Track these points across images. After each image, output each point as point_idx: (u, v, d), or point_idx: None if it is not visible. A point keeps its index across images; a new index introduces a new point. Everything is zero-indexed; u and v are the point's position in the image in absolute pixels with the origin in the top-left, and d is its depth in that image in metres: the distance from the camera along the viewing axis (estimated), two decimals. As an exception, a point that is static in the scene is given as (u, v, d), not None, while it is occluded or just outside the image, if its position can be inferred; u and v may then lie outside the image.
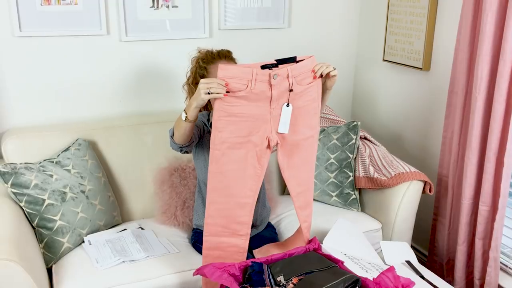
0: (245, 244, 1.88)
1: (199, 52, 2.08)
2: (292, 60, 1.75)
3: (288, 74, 1.72)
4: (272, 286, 1.65)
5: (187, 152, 2.03)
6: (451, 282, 2.36)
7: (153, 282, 1.94)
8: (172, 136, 1.94)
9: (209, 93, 1.66)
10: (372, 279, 1.56)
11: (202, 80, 1.68)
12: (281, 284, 1.65)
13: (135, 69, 2.59)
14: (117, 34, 2.51)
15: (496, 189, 2.11)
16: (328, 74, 1.82)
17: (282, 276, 1.67)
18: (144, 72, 2.62)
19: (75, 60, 2.47)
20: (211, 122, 2.07)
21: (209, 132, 2.05)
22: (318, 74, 1.81)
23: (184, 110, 1.80)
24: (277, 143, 1.81)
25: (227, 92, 1.67)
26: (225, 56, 2.04)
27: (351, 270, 1.72)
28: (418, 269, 2.05)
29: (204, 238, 1.85)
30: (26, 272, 1.66)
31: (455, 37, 2.27)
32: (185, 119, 1.80)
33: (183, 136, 1.88)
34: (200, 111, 1.97)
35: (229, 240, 1.86)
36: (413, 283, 1.49)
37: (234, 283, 1.63)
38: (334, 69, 1.83)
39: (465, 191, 2.22)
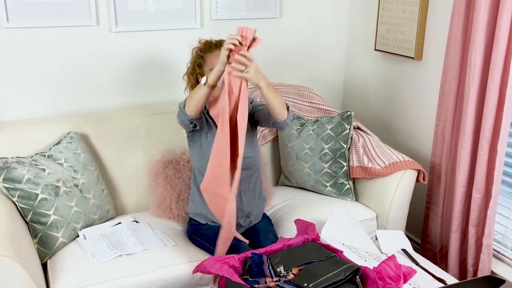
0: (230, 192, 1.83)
1: (199, 42, 2.09)
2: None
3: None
4: (272, 277, 1.65)
5: (195, 127, 2.01)
6: (444, 269, 2.39)
7: (150, 275, 1.92)
8: (183, 108, 1.93)
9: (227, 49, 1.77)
10: (372, 268, 1.57)
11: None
12: (281, 275, 1.65)
13: (126, 61, 2.56)
14: (107, 25, 2.47)
15: (489, 177, 2.13)
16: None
17: (282, 267, 1.67)
18: (135, 63, 2.58)
19: (64, 51, 2.42)
20: (207, 110, 2.08)
21: (206, 120, 2.08)
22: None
23: (205, 76, 1.87)
24: None
25: (240, 44, 1.75)
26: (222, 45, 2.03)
27: (350, 259, 1.73)
28: (414, 257, 2.07)
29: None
30: (22, 268, 1.63)
31: (447, 26, 2.28)
32: (205, 83, 1.84)
33: (198, 104, 1.88)
34: None
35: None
36: (414, 271, 1.50)
37: (235, 274, 1.63)
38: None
39: (458, 179, 2.24)
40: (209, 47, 2.02)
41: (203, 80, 1.85)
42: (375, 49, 2.83)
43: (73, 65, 2.46)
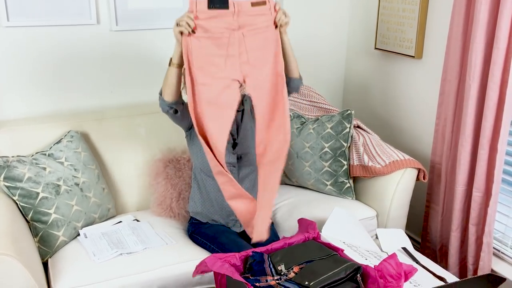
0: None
1: None
2: (224, 4, 1.79)
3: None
4: (273, 275, 1.65)
5: (176, 113, 2.01)
6: (445, 267, 2.39)
7: (151, 273, 1.93)
8: (161, 94, 1.96)
9: (178, 25, 1.76)
10: (373, 266, 1.57)
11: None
12: (282, 273, 1.65)
13: (126, 59, 2.56)
14: (108, 24, 2.47)
15: (490, 176, 2.14)
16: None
17: (283, 265, 1.67)
18: (135, 62, 2.58)
19: (65, 50, 2.42)
20: None
21: None
22: (278, 24, 1.86)
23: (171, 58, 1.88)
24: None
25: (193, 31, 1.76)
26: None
27: (351, 258, 1.73)
28: (414, 256, 2.07)
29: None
30: (23, 266, 1.64)
31: (448, 25, 2.29)
32: (170, 63, 1.86)
33: (171, 87, 1.91)
34: None
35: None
36: (415, 270, 1.50)
37: (236, 273, 1.63)
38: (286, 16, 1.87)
39: (459, 177, 2.24)
40: None
41: (168, 63, 1.87)
42: (375, 48, 2.83)
43: (74, 64, 2.46)
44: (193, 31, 1.77)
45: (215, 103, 1.83)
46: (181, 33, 1.78)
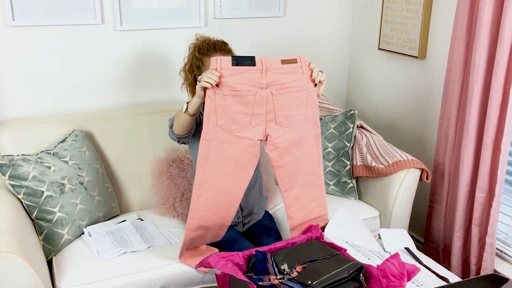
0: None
1: (197, 39, 2.08)
2: (251, 61, 1.77)
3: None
4: (276, 275, 1.66)
5: (184, 143, 2.05)
6: (447, 268, 2.39)
7: (155, 272, 1.94)
8: (171, 126, 1.96)
9: (199, 81, 1.74)
10: (376, 266, 1.58)
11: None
12: (285, 273, 1.66)
13: (131, 59, 2.57)
14: (112, 24, 2.48)
15: (493, 176, 2.14)
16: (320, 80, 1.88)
17: (286, 265, 1.68)
18: (140, 62, 2.59)
19: (69, 50, 2.44)
20: None
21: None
22: (317, 81, 1.86)
23: (187, 102, 1.84)
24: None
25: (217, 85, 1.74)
26: (221, 49, 2.04)
27: (354, 257, 1.74)
28: (417, 256, 2.07)
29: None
30: (27, 264, 1.65)
31: (451, 25, 2.29)
32: (185, 111, 1.84)
33: (181, 127, 1.91)
34: None
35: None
36: (418, 269, 1.50)
37: (239, 272, 1.64)
38: (322, 72, 1.89)
39: (462, 178, 2.24)
40: (207, 50, 2.01)
41: (184, 106, 1.86)
42: (379, 48, 2.83)
43: (78, 63, 2.47)
44: (217, 85, 1.74)
45: (236, 161, 1.82)
46: (205, 89, 1.75)
